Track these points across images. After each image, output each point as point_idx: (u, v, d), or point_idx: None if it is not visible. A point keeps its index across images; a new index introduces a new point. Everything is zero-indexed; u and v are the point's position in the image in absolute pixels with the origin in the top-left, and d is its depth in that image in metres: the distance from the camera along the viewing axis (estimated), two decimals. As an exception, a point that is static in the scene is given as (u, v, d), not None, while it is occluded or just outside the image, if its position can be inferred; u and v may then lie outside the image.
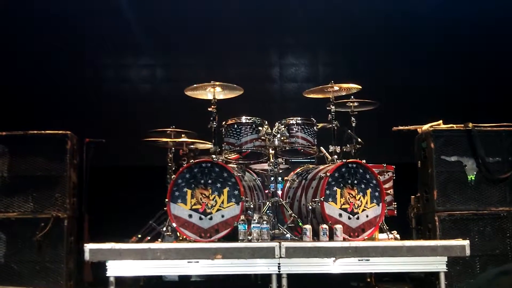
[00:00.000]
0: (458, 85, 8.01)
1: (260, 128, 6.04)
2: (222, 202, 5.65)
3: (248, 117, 6.07)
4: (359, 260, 5.23)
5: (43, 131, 6.20)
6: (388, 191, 6.53)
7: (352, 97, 6.37)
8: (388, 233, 5.93)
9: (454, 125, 6.33)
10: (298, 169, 6.59)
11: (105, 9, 8.06)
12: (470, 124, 6.26)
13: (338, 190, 5.73)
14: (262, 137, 6.01)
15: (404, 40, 8.15)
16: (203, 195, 5.65)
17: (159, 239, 6.04)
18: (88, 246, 5.19)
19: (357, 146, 6.24)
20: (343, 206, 5.72)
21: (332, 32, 8.22)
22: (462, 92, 7.98)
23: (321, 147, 6.30)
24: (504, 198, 6.19)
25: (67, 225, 6.06)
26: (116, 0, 7.96)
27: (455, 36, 8.12)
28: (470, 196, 6.17)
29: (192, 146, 6.60)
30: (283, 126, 6.08)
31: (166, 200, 5.63)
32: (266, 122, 6.12)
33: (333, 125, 6.18)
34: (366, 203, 5.79)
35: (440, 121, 6.41)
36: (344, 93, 6.35)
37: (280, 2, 8.18)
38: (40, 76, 7.93)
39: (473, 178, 6.17)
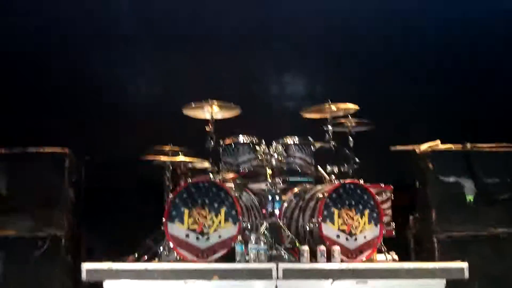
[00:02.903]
0: (457, 105, 8.00)
1: (257, 147, 6.05)
2: (220, 222, 5.63)
3: (246, 137, 6.09)
4: (357, 282, 5.22)
5: (42, 149, 6.20)
6: (386, 212, 6.51)
7: (350, 116, 6.37)
8: (386, 254, 5.91)
9: (452, 146, 6.33)
10: (296, 189, 6.58)
11: (106, 26, 8.08)
12: (468, 145, 6.26)
13: (336, 211, 5.72)
14: (260, 157, 6.02)
15: (404, 60, 8.15)
16: (201, 215, 5.64)
17: (156, 259, 6.03)
18: (85, 266, 5.19)
19: (355, 166, 6.23)
20: (341, 227, 5.70)
21: (332, 51, 8.23)
22: (461, 111, 7.97)
23: (319, 167, 6.30)
24: (503, 219, 6.17)
25: (65, 244, 6.06)
26: (117, 16, 7.97)
27: (455, 55, 8.14)
28: (469, 217, 6.15)
29: (190, 165, 6.59)
30: (281, 145, 6.10)
31: (164, 219, 5.63)
32: (264, 142, 6.13)
33: (331, 144, 6.19)
34: (364, 224, 5.77)
35: (438, 141, 6.41)
36: (341, 113, 6.36)
37: (280, 20, 8.18)
38: (40, 93, 7.93)
39: (471, 199, 6.17)
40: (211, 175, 5.96)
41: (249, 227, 5.75)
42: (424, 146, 6.37)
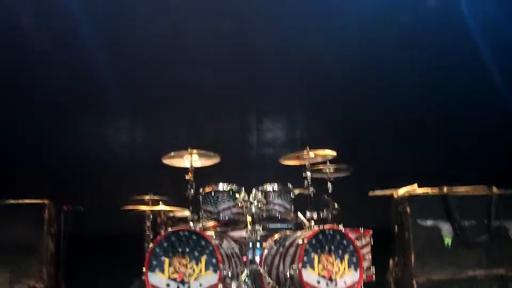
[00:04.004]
0: (432, 149, 8.15)
1: (237, 195, 6.12)
2: (200, 271, 5.64)
3: (225, 184, 6.15)
4: (337, 328, 5.24)
5: (21, 200, 6.19)
6: (366, 256, 6.55)
7: (328, 162, 6.45)
8: (367, 298, 5.94)
9: (429, 189, 6.40)
10: (276, 236, 6.61)
11: (87, 76, 8.16)
12: (445, 188, 6.34)
13: (316, 257, 5.75)
14: (240, 204, 6.07)
15: (382, 106, 8.30)
16: (181, 264, 5.64)
17: (137, 309, 6.00)
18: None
19: (334, 211, 6.30)
20: (321, 273, 5.73)
21: (310, 97, 8.37)
22: (437, 156, 8.11)
23: (299, 213, 6.34)
24: (481, 261, 6.22)
25: (44, 295, 6.00)
26: (98, 68, 8.07)
27: (433, 100, 8.33)
28: (447, 260, 6.18)
29: (170, 214, 6.60)
30: (260, 192, 6.15)
31: (144, 268, 5.62)
32: (243, 189, 6.18)
33: (310, 191, 6.25)
34: (344, 269, 5.80)
35: (415, 185, 6.48)
36: (320, 159, 6.44)
37: (258, 68, 8.33)
38: (20, 143, 7.93)
39: (449, 242, 6.22)
40: (191, 224, 5.98)
41: (230, 275, 5.75)
42: (402, 191, 6.44)
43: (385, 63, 8.22)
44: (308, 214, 6.24)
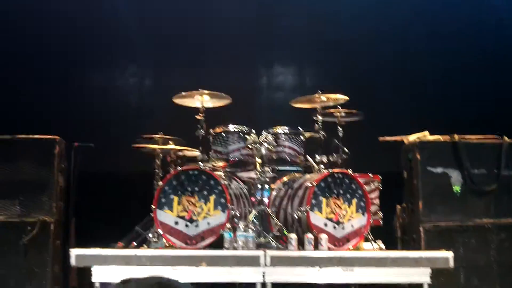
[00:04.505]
0: (444, 96, 8.09)
1: (247, 136, 6.11)
2: (209, 210, 5.69)
3: (236, 126, 6.15)
4: (343, 270, 5.29)
5: (31, 135, 6.20)
6: (374, 201, 6.57)
7: (339, 107, 6.41)
8: (373, 242, 5.98)
9: (440, 137, 6.38)
10: (285, 178, 6.64)
11: (93, 14, 8.08)
12: (456, 136, 6.30)
13: (324, 200, 5.78)
14: (249, 146, 6.07)
15: (393, 51, 8.21)
16: (190, 202, 5.68)
17: (145, 245, 6.07)
18: (74, 252, 5.23)
19: (344, 156, 6.29)
20: (328, 216, 5.77)
21: (319, 43, 8.28)
22: (450, 103, 8.04)
23: (308, 156, 6.35)
24: (489, 210, 6.22)
25: (54, 229, 6.05)
26: (105, 6, 7.98)
27: (443, 47, 8.24)
28: (455, 207, 6.18)
29: (179, 153, 6.62)
30: (270, 135, 6.15)
31: (153, 206, 5.67)
32: (254, 131, 6.18)
33: (320, 135, 6.25)
34: (352, 213, 5.84)
35: (426, 131, 6.45)
36: (331, 103, 6.41)
37: (268, 12, 8.23)
38: (28, 80, 7.91)
39: (458, 190, 6.21)
40: (201, 164, 6.00)
41: (238, 215, 5.81)
42: (412, 137, 6.41)
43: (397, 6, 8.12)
44: (317, 157, 6.26)
